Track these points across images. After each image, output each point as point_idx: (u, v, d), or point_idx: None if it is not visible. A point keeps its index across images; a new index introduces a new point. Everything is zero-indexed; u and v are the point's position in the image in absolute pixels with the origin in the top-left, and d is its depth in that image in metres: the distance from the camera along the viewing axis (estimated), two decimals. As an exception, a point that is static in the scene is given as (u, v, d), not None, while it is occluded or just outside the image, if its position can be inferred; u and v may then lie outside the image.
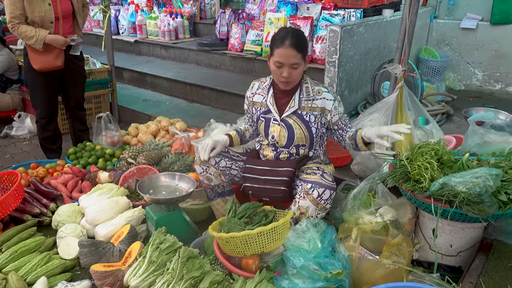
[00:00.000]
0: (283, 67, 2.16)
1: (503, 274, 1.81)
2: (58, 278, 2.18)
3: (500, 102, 4.56)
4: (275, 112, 2.33)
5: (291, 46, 2.12)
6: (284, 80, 2.20)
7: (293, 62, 2.14)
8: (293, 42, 2.12)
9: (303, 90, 2.30)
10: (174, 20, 5.90)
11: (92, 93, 4.34)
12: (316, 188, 2.15)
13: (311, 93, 2.29)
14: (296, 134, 2.31)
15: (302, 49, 2.16)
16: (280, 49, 2.14)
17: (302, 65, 2.20)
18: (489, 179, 1.79)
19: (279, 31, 2.23)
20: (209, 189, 2.48)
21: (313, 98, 2.28)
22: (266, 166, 2.34)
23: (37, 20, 3.06)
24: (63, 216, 2.59)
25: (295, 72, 2.18)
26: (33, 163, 3.33)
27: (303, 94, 2.29)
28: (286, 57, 2.13)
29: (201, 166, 2.41)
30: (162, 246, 2.09)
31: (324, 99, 2.28)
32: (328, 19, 4.23)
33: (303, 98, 2.29)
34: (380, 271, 1.92)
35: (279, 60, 2.15)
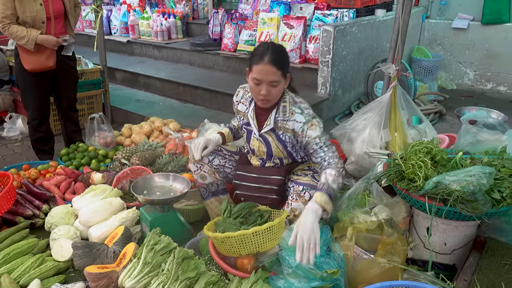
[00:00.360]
0: (261, 85, 2.05)
1: (496, 272, 1.83)
2: (51, 280, 2.15)
3: (492, 101, 4.61)
4: (254, 127, 2.28)
5: (270, 62, 1.99)
6: (262, 98, 2.08)
7: (272, 79, 2.02)
8: (273, 59, 2.00)
9: (280, 110, 2.18)
10: (167, 20, 5.87)
11: (85, 94, 4.30)
12: (308, 191, 2.16)
13: (287, 113, 2.17)
14: (274, 151, 2.29)
15: (283, 66, 2.04)
16: (259, 65, 2.01)
17: (282, 83, 2.08)
18: (483, 177, 1.80)
19: (258, 46, 2.11)
20: (203, 188, 2.47)
21: (287, 119, 2.17)
22: (256, 173, 2.32)
23: (28, 20, 3.03)
24: (56, 217, 2.56)
25: (274, 90, 2.06)
26: (25, 165, 3.30)
27: (279, 114, 2.19)
28: (264, 74, 2.01)
29: (195, 164, 2.41)
30: (157, 247, 2.08)
31: (294, 121, 2.15)
32: (321, 19, 4.24)
33: (279, 118, 2.19)
34: (375, 270, 1.93)
35: (257, 77, 2.04)
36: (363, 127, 2.59)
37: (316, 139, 2.11)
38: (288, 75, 2.13)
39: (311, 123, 2.13)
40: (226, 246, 2.04)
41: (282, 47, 2.14)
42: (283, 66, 2.05)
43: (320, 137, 2.12)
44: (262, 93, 2.06)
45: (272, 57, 2.01)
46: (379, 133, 2.55)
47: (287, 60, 2.11)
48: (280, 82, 2.06)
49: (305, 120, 2.13)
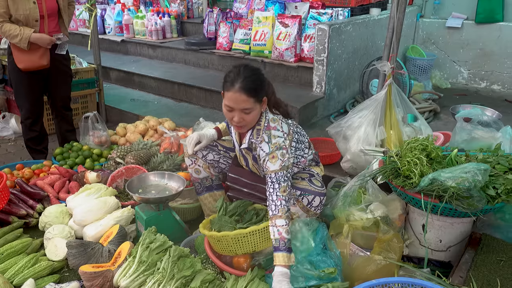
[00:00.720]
0: (233, 111, 1.98)
1: (491, 268, 1.84)
2: (46, 280, 2.14)
3: (486, 99, 4.63)
4: (236, 142, 2.27)
5: (241, 90, 1.91)
6: (235, 124, 2.03)
7: (243, 107, 1.95)
8: (244, 85, 1.91)
9: (254, 132, 2.09)
10: (162, 20, 5.85)
11: (79, 93, 4.27)
12: (306, 196, 2.16)
13: (258, 137, 2.07)
14: (250, 165, 2.28)
15: (256, 92, 1.95)
16: (230, 92, 1.94)
17: (256, 109, 1.99)
18: (478, 174, 1.81)
19: (231, 71, 2.01)
20: (197, 182, 2.48)
21: (258, 143, 2.07)
22: (249, 179, 2.32)
23: (21, 18, 3.00)
24: (50, 217, 2.54)
25: (248, 116, 1.99)
26: (19, 164, 3.27)
27: (253, 136, 2.10)
28: (235, 102, 1.94)
29: (190, 159, 2.42)
30: (152, 245, 2.07)
31: (260, 149, 2.05)
32: (316, 18, 4.24)
33: (252, 139, 2.11)
34: (371, 267, 1.93)
35: (228, 105, 1.98)
36: (358, 125, 2.59)
37: (271, 174, 1.97)
38: (264, 98, 2.03)
39: (273, 155, 1.99)
40: (222, 245, 2.03)
41: (256, 70, 2.02)
42: (256, 92, 1.96)
43: (277, 172, 1.96)
44: (234, 119, 2.00)
45: (242, 84, 1.92)
46: (375, 130, 2.55)
47: (261, 82, 2.00)
48: (253, 109, 1.98)
49: (268, 151, 2.00)
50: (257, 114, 2.03)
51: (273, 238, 1.87)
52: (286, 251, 1.83)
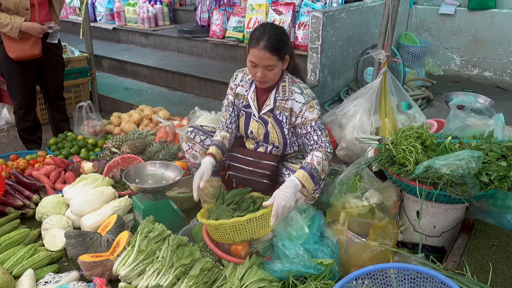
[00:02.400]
0: (257, 67, 2.08)
1: (484, 252, 1.88)
2: (45, 270, 2.15)
3: (478, 86, 4.67)
4: (254, 108, 2.29)
5: (265, 48, 2.02)
6: (258, 80, 2.13)
7: (267, 64, 2.05)
8: (268, 44, 2.02)
9: (279, 89, 2.20)
10: (153, 7, 5.78)
11: (71, 82, 4.23)
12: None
13: (286, 93, 2.19)
14: (270, 133, 2.30)
15: (279, 50, 2.05)
16: (255, 49, 2.04)
17: (278, 66, 2.09)
18: (472, 161, 1.84)
19: (257, 28, 2.12)
20: (195, 168, 2.48)
21: (287, 98, 2.19)
22: (250, 156, 2.35)
23: (11, 7, 2.95)
24: (47, 207, 2.54)
25: (270, 73, 2.09)
26: (13, 155, 3.25)
27: (279, 93, 2.20)
28: (259, 59, 2.04)
29: (187, 143, 2.43)
30: (151, 235, 2.09)
31: (294, 100, 2.18)
32: (310, 5, 4.22)
33: (279, 97, 2.21)
34: (367, 253, 1.96)
35: (253, 60, 2.07)
36: (353, 113, 2.61)
37: (312, 122, 2.16)
38: (287, 57, 2.13)
39: (310, 104, 2.16)
40: (220, 233, 2.06)
41: (280, 29, 2.14)
42: (280, 51, 2.06)
43: (316, 120, 2.16)
44: (257, 75, 2.10)
45: (267, 42, 2.02)
46: (370, 118, 2.58)
47: (284, 43, 2.10)
48: (276, 66, 2.08)
49: (305, 101, 2.16)
50: (278, 71, 2.13)
51: (304, 162, 2.08)
52: (308, 172, 2.01)
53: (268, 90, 2.25)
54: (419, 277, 1.62)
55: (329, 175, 2.58)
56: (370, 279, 1.65)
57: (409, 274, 1.63)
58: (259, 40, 2.03)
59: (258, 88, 2.27)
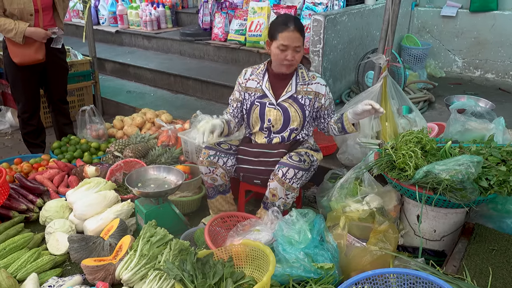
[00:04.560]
0: (287, 50, 2.23)
1: (484, 257, 1.89)
2: (48, 274, 2.17)
3: (480, 88, 4.66)
4: (271, 96, 2.40)
5: (295, 29, 2.20)
6: (288, 63, 2.27)
7: (296, 44, 2.22)
8: (297, 26, 2.21)
9: (299, 75, 2.39)
10: (156, 10, 5.81)
11: (75, 86, 4.27)
12: (281, 168, 2.23)
13: (306, 78, 2.39)
14: (292, 116, 2.40)
15: (303, 33, 2.26)
16: (285, 32, 2.20)
17: (302, 49, 2.28)
18: (471, 166, 1.85)
19: (279, 17, 2.33)
20: (211, 188, 2.48)
21: (309, 82, 2.39)
22: (259, 148, 2.43)
23: (16, 12, 2.99)
24: (50, 211, 2.57)
25: (298, 55, 2.26)
26: (17, 158, 3.28)
27: (299, 79, 2.39)
28: (291, 40, 2.20)
29: (208, 168, 2.39)
30: (153, 239, 2.10)
31: (318, 84, 2.39)
32: (311, 8, 4.23)
33: (300, 83, 2.38)
34: (367, 257, 1.98)
35: (284, 43, 2.21)
36: (354, 117, 2.62)
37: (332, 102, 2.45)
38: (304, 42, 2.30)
39: (328, 86, 2.42)
40: None
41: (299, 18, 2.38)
42: (304, 34, 2.26)
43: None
44: (288, 58, 2.24)
45: (296, 24, 2.21)
46: (370, 123, 2.58)
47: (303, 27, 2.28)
48: (301, 48, 2.25)
49: (326, 83, 2.42)
50: (301, 55, 2.31)
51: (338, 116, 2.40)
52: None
53: (283, 78, 2.39)
54: (418, 282, 1.63)
55: (330, 179, 2.59)
56: (370, 283, 1.66)
57: (408, 279, 1.64)
58: (287, 23, 2.21)
59: (272, 78, 2.41)
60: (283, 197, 2.27)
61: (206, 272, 1.86)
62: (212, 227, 2.29)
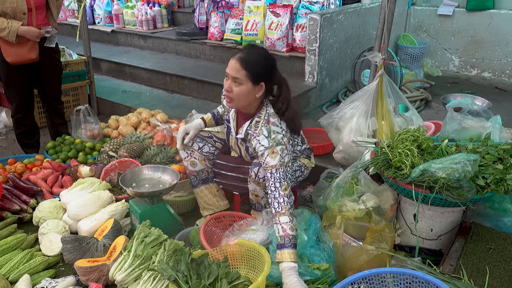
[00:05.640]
0: (228, 79, 2.06)
1: (481, 256, 1.88)
2: (41, 275, 2.15)
3: (476, 87, 4.67)
4: (233, 128, 2.31)
5: (239, 59, 2.02)
6: (225, 93, 2.10)
7: (234, 75, 2.02)
8: (242, 57, 2.02)
9: (253, 123, 2.15)
10: (152, 9, 5.78)
11: (69, 86, 4.23)
12: (252, 169, 2.20)
13: (257, 130, 2.12)
14: (243, 155, 2.35)
15: (250, 68, 2.01)
16: (231, 60, 2.05)
17: (246, 85, 2.02)
18: (468, 165, 1.84)
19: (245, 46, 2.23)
20: (193, 175, 2.50)
21: (255, 135, 2.12)
22: (234, 163, 2.39)
23: (8, 11, 2.95)
24: (44, 212, 2.54)
25: (236, 89, 2.04)
26: (11, 159, 3.25)
27: (251, 127, 2.15)
28: (230, 69, 2.04)
29: (185, 151, 2.44)
30: (147, 239, 2.08)
31: (258, 142, 2.09)
32: (307, 7, 4.22)
33: (250, 131, 2.16)
34: (364, 257, 1.96)
35: (226, 70, 2.06)
36: (350, 116, 2.61)
37: (272, 169, 2.00)
38: (262, 84, 2.05)
39: (273, 150, 2.02)
40: None
41: (264, 55, 2.10)
42: (252, 69, 2.01)
43: (278, 168, 2.00)
44: (225, 86, 2.07)
45: (242, 55, 2.03)
46: (366, 121, 2.57)
47: (262, 67, 2.05)
48: (242, 82, 2.02)
49: (268, 146, 2.04)
50: (244, 92, 2.04)
51: (278, 235, 1.88)
52: (291, 247, 1.84)
53: (246, 117, 2.21)
54: (415, 281, 1.61)
55: (326, 178, 2.58)
56: (366, 283, 1.65)
57: (405, 278, 1.62)
58: (238, 53, 2.06)
59: (239, 117, 2.26)
60: (264, 196, 2.26)
61: (201, 273, 1.85)
62: (208, 227, 2.27)
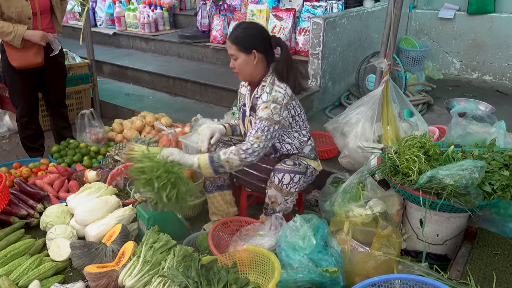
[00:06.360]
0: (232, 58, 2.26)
1: (487, 261, 1.89)
2: (50, 280, 2.16)
3: (477, 90, 4.69)
4: (247, 106, 2.37)
5: (228, 38, 2.24)
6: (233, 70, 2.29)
7: (230, 53, 2.23)
8: (230, 35, 2.23)
9: (259, 87, 2.29)
10: (154, 12, 5.79)
11: (73, 89, 4.24)
12: (276, 175, 2.22)
13: (262, 91, 2.26)
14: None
15: (238, 42, 2.18)
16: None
17: (240, 57, 2.19)
18: (475, 171, 1.86)
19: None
20: (209, 181, 2.52)
21: (259, 96, 2.27)
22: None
23: (14, 16, 2.96)
24: (51, 217, 2.55)
25: (236, 63, 2.22)
26: (16, 163, 3.26)
27: (257, 91, 2.29)
28: (228, 48, 2.25)
29: None
30: (156, 245, 2.09)
31: (260, 99, 2.23)
32: (310, 11, 4.24)
33: (256, 95, 2.29)
34: (371, 262, 1.98)
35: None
36: (356, 121, 2.63)
37: (257, 120, 2.17)
38: (254, 51, 2.19)
39: (267, 105, 2.17)
40: None
41: (250, 25, 2.31)
42: (240, 43, 2.18)
43: (262, 120, 2.14)
44: (230, 65, 2.28)
45: (231, 34, 2.23)
46: (372, 126, 2.59)
47: (250, 36, 2.20)
48: (237, 56, 2.20)
49: (265, 100, 2.19)
50: (244, 63, 2.20)
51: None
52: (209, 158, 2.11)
53: (255, 86, 2.33)
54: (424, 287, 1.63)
55: (332, 183, 2.60)
56: (376, 290, 1.66)
57: (414, 285, 1.64)
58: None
59: (251, 89, 2.36)
60: (282, 203, 2.28)
61: (211, 279, 1.86)
62: (215, 232, 2.29)
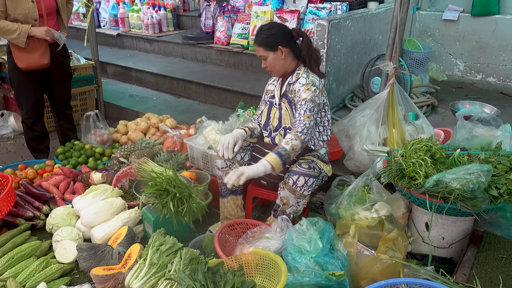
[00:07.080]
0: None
1: (494, 265, 1.89)
2: (57, 282, 2.17)
3: (481, 92, 4.68)
4: (277, 96, 2.45)
5: (255, 43, 2.37)
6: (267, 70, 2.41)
7: (259, 55, 2.37)
8: (256, 40, 2.36)
9: (294, 75, 2.40)
10: (157, 13, 5.81)
11: (77, 90, 4.26)
12: (291, 176, 2.23)
13: (298, 77, 2.38)
14: (283, 114, 2.41)
15: (262, 43, 2.32)
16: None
17: (271, 55, 2.33)
18: (482, 175, 1.86)
19: None
20: (224, 185, 2.53)
21: (295, 81, 2.37)
22: (270, 149, 2.37)
23: (20, 18, 2.97)
24: (57, 219, 2.56)
25: (267, 62, 2.36)
26: (21, 164, 3.27)
27: (292, 78, 2.40)
28: (256, 52, 2.40)
29: (225, 161, 2.46)
30: (163, 247, 2.10)
31: (298, 82, 2.35)
32: (314, 13, 4.24)
33: (291, 82, 2.40)
34: (377, 266, 1.98)
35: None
36: (361, 124, 2.63)
37: (302, 101, 2.27)
38: (279, 47, 2.31)
39: (308, 87, 2.29)
40: None
41: (269, 25, 2.38)
42: (266, 43, 2.32)
43: (308, 101, 2.25)
44: (263, 66, 2.42)
45: (255, 39, 2.37)
46: (377, 129, 2.59)
47: (272, 35, 2.32)
48: (267, 55, 2.34)
49: (305, 82, 2.31)
50: (274, 60, 2.35)
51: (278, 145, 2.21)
52: (276, 153, 2.15)
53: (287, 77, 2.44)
54: (430, 292, 1.63)
55: (337, 186, 2.60)
56: (383, 293, 1.66)
57: (421, 289, 1.64)
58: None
59: (283, 81, 2.46)
60: (294, 205, 2.27)
61: (217, 282, 1.87)
62: (221, 234, 2.29)
